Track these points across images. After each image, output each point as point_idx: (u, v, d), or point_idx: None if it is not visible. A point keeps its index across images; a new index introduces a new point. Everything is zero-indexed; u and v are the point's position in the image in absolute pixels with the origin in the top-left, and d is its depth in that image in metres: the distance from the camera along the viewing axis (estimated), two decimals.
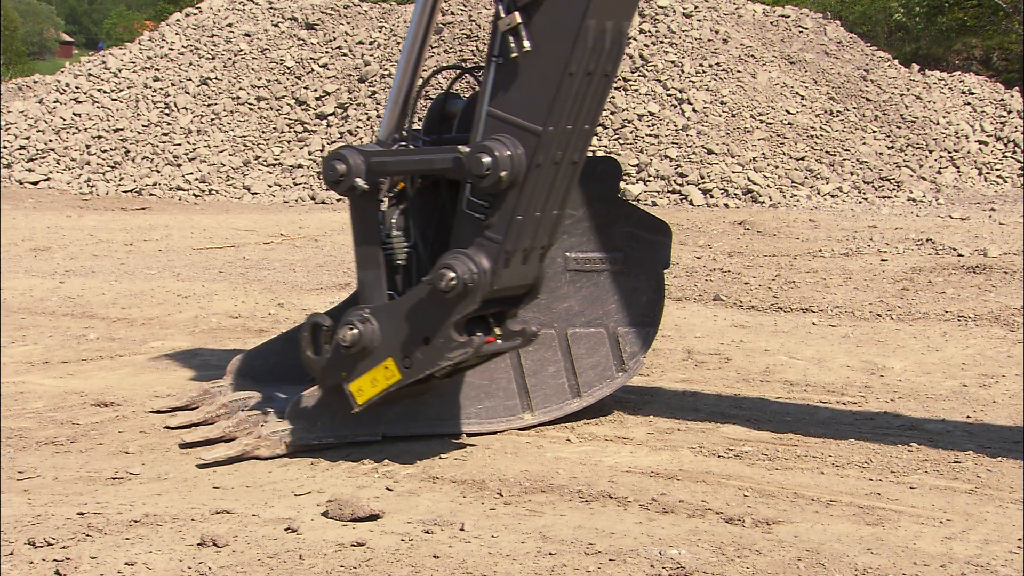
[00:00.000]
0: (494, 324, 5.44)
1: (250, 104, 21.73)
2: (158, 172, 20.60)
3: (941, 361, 7.71)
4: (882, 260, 12.17)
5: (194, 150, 20.94)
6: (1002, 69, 35.62)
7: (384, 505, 4.70)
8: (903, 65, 26.69)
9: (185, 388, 6.62)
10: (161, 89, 22.79)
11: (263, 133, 21.06)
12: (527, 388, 5.94)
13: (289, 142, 20.76)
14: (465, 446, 5.61)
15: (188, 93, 22.47)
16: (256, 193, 19.68)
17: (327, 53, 22.50)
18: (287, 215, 17.31)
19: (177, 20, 25.40)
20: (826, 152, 20.19)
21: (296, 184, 19.76)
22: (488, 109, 5.07)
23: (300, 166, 20.07)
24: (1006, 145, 23.34)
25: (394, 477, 5.15)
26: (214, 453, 5.38)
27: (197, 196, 19.71)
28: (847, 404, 6.61)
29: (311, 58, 22.41)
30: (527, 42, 4.96)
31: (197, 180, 20.13)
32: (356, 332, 5.20)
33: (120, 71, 23.65)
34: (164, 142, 21.32)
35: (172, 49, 23.91)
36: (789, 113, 20.92)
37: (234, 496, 4.88)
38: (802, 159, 19.55)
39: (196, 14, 25.18)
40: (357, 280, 5.41)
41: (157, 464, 5.36)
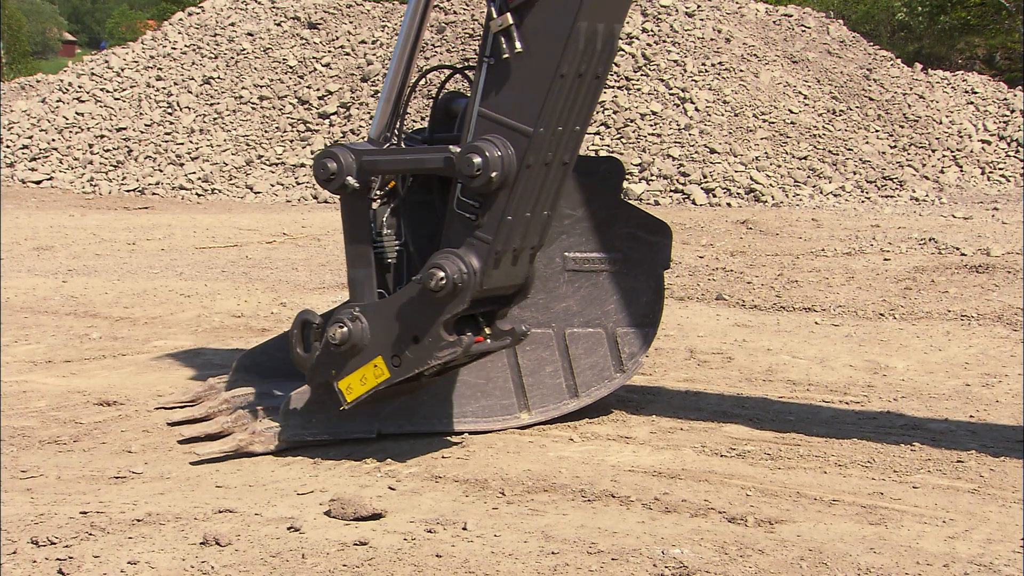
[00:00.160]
0: (484, 323, 5.46)
1: (253, 103, 21.75)
2: (161, 171, 20.61)
3: (944, 360, 7.71)
4: (885, 259, 12.16)
5: (197, 149, 20.95)
6: (1005, 68, 35.60)
7: (386, 504, 4.70)
8: (906, 64, 26.68)
9: (190, 385, 6.63)
10: (164, 88, 22.81)
11: (266, 132, 21.07)
12: (524, 387, 5.93)
13: (292, 141, 20.77)
14: (467, 445, 5.61)
15: (191, 92, 22.49)
16: (259, 192, 19.69)
17: (330, 52, 22.51)
18: (290, 214, 17.31)
19: (180, 19, 25.43)
20: (829, 151, 20.18)
21: (299, 183, 19.77)
22: (479, 109, 5.09)
23: (303, 165, 20.08)
24: (1009, 144, 23.32)
25: (396, 476, 5.15)
26: (208, 449, 5.41)
27: (200, 195, 19.72)
28: (850, 403, 6.61)
29: (314, 57, 22.42)
30: (519, 43, 4.98)
31: (200, 179, 20.14)
32: (346, 330, 5.22)
33: (123, 70, 23.67)
34: (167, 141, 21.33)
35: (175, 48, 23.93)
36: (792, 112, 20.92)
37: (237, 495, 4.88)
38: (805, 158, 19.54)
39: (199, 13, 25.20)
40: (347, 278, 5.42)
41: (160, 463, 5.36)
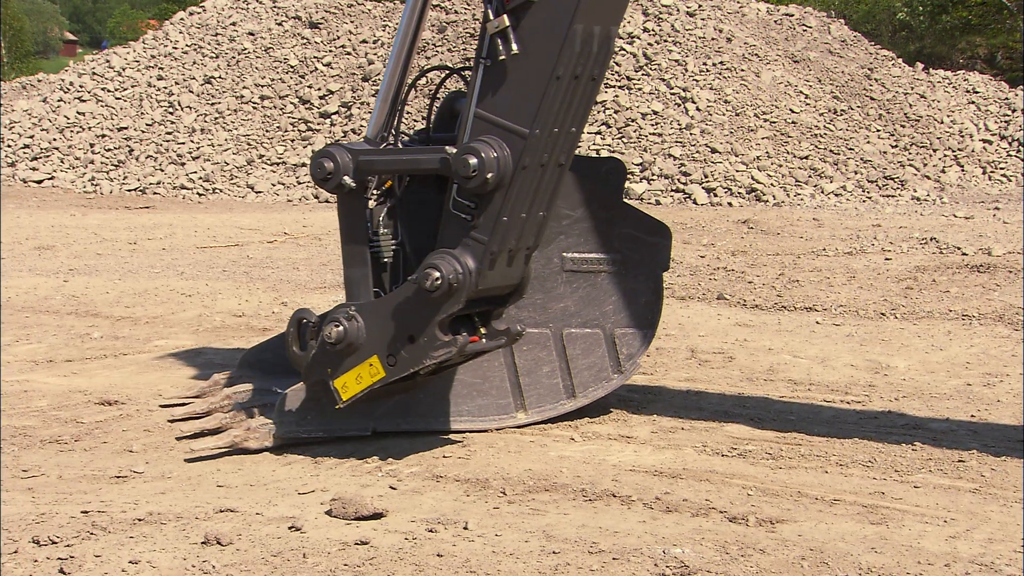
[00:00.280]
0: (479, 323, 5.47)
1: (254, 103, 21.75)
2: (162, 171, 20.62)
3: (945, 360, 7.70)
4: (886, 259, 12.16)
5: (198, 149, 20.96)
6: (1006, 68, 35.59)
7: (388, 504, 4.70)
8: (907, 64, 26.68)
9: (195, 382, 6.64)
10: (165, 88, 22.81)
11: (267, 132, 21.08)
12: (521, 387, 5.93)
13: (293, 141, 20.77)
14: (469, 445, 5.61)
15: (192, 92, 22.49)
16: (260, 192, 19.69)
17: (331, 52, 22.51)
18: (291, 214, 17.32)
19: (181, 19, 25.43)
20: (830, 151, 20.18)
21: (300, 183, 19.77)
22: (475, 111, 5.11)
23: (304, 165, 20.07)
24: (1010, 144, 23.32)
25: (398, 476, 5.15)
26: (203, 445, 5.43)
27: (201, 195, 19.72)
28: (851, 403, 6.61)
29: (315, 57, 22.42)
30: (515, 45, 4.99)
31: (201, 179, 20.14)
32: (341, 329, 5.23)
33: (124, 70, 23.68)
34: (168, 141, 21.34)
35: (176, 48, 23.93)
36: (793, 112, 20.91)
37: (238, 495, 4.88)
38: (806, 158, 19.54)
39: (200, 13, 25.21)
40: (344, 277, 5.44)
41: (161, 462, 5.37)
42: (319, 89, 21.61)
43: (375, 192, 5.44)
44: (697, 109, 19.87)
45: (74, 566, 4.01)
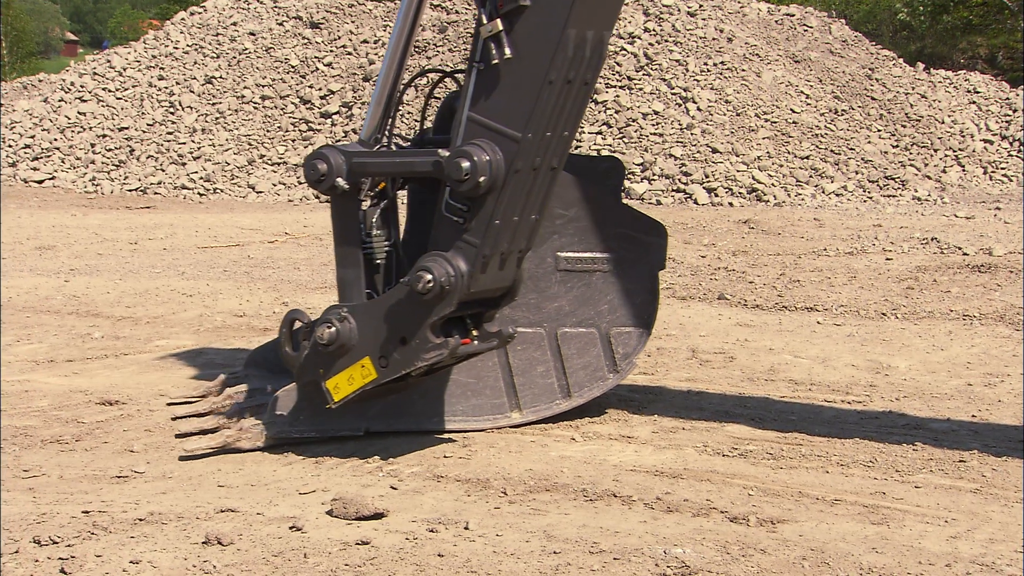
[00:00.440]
0: (471, 325, 5.49)
1: (255, 103, 21.75)
2: (163, 171, 20.62)
3: (946, 360, 7.70)
4: (887, 259, 12.16)
5: (199, 149, 20.96)
6: (1007, 68, 35.59)
7: (388, 504, 4.70)
8: (908, 64, 26.68)
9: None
10: (166, 88, 22.81)
11: (268, 132, 21.08)
12: (515, 387, 5.93)
13: (294, 141, 20.78)
14: (469, 445, 5.61)
15: (193, 92, 22.50)
16: (261, 192, 19.70)
17: (332, 52, 22.52)
18: (291, 214, 17.32)
19: (182, 19, 25.44)
20: (831, 151, 20.17)
21: (300, 183, 19.77)
22: (468, 114, 5.12)
23: None
24: (1011, 144, 23.32)
25: (398, 476, 5.15)
26: (196, 445, 5.45)
27: (202, 195, 19.73)
28: (852, 403, 6.61)
29: (316, 57, 22.42)
30: (508, 49, 5.01)
31: (202, 179, 20.15)
32: (334, 330, 5.25)
33: (125, 70, 23.68)
34: (169, 141, 21.34)
35: (177, 48, 23.94)
36: (794, 112, 20.91)
37: (239, 495, 4.88)
38: (807, 158, 19.53)
39: (201, 13, 25.21)
40: (336, 278, 5.45)
41: (162, 463, 5.37)
42: (320, 89, 21.62)
43: (368, 194, 5.45)
44: (698, 109, 19.87)
45: (75, 566, 4.01)
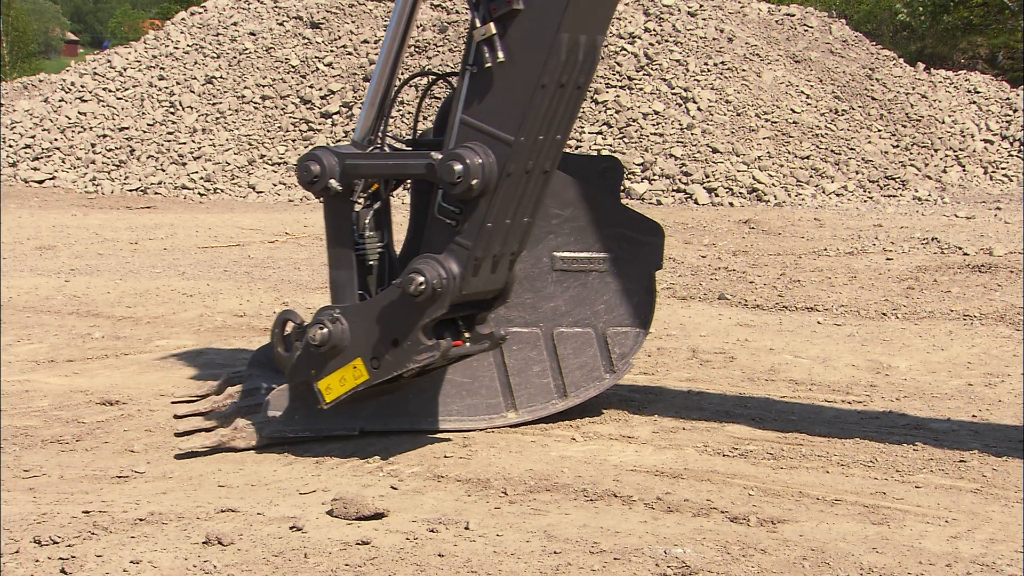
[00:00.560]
0: (463, 327, 5.49)
1: (255, 103, 21.75)
2: (163, 171, 20.62)
3: (946, 360, 7.70)
4: (887, 259, 12.16)
5: (199, 149, 20.96)
6: (1008, 68, 35.58)
7: (389, 504, 4.70)
8: (908, 64, 26.67)
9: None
10: (166, 88, 22.81)
11: (268, 132, 21.08)
12: (511, 387, 5.92)
13: (294, 141, 20.78)
14: (470, 445, 5.61)
15: (193, 92, 22.50)
16: (261, 192, 19.70)
17: (332, 52, 22.52)
18: (292, 214, 17.32)
19: (182, 19, 25.44)
20: (831, 151, 20.17)
21: None
22: (461, 117, 5.14)
23: None
24: (1011, 144, 23.31)
25: (399, 476, 5.16)
26: (191, 443, 5.48)
27: (202, 195, 19.73)
28: (852, 403, 6.61)
29: (316, 57, 22.42)
30: (501, 53, 5.02)
31: (202, 179, 20.15)
32: (326, 331, 5.26)
33: (125, 70, 23.68)
34: (169, 141, 21.34)
35: (177, 48, 23.94)
36: (794, 112, 20.91)
37: (239, 495, 4.88)
38: (807, 158, 19.53)
39: (201, 13, 25.21)
40: (329, 280, 5.47)
41: (162, 463, 5.37)
42: (320, 89, 21.62)
43: (361, 195, 5.46)
44: (698, 109, 19.87)
45: (75, 566, 4.01)
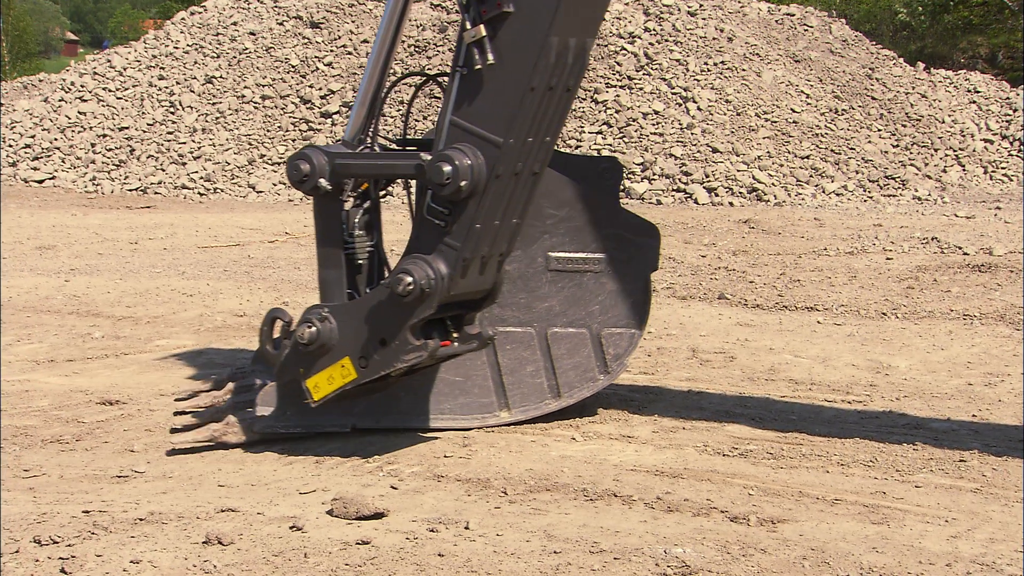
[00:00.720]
0: (452, 327, 5.50)
1: (255, 102, 21.75)
2: (163, 171, 20.62)
3: (946, 360, 7.70)
4: (887, 259, 12.16)
5: (199, 149, 20.96)
6: (1008, 67, 35.58)
7: (389, 503, 4.70)
8: (908, 63, 26.67)
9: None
10: (166, 87, 22.81)
11: (268, 131, 21.08)
12: (504, 386, 5.93)
13: (294, 140, 20.78)
14: (470, 445, 5.62)
15: (193, 92, 22.50)
16: (261, 192, 19.70)
17: (332, 52, 22.51)
18: (292, 213, 17.32)
19: (182, 19, 25.43)
20: (831, 151, 20.17)
21: None
22: (451, 118, 5.15)
23: None
24: (1011, 143, 23.31)
25: (399, 476, 5.16)
26: (182, 439, 5.49)
27: (202, 194, 19.73)
28: (852, 403, 6.61)
29: (316, 56, 22.42)
30: (491, 55, 5.03)
31: (202, 179, 20.15)
32: (314, 330, 5.27)
33: (125, 69, 23.68)
34: (169, 140, 21.34)
35: (177, 48, 23.93)
36: (794, 111, 20.91)
37: (239, 494, 4.88)
38: (807, 158, 19.53)
39: (201, 12, 25.20)
40: (318, 278, 5.47)
41: (162, 462, 5.37)
42: (320, 89, 21.62)
43: (351, 195, 5.47)
44: (698, 109, 19.86)
45: (75, 566, 4.01)
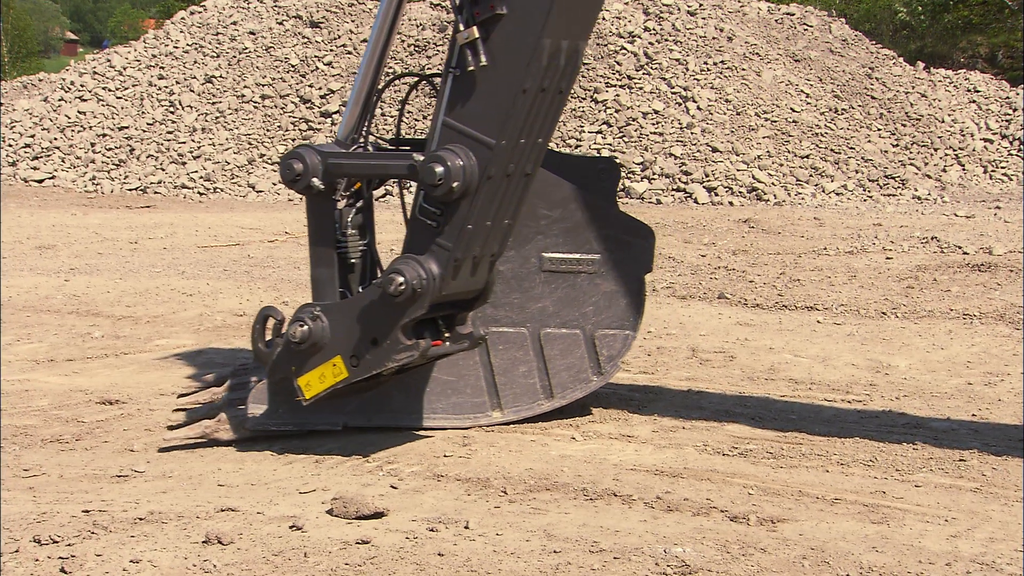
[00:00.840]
0: (443, 327, 5.51)
1: (255, 102, 21.75)
2: (163, 170, 20.62)
3: (946, 359, 7.70)
4: (887, 258, 12.16)
5: (199, 148, 20.96)
6: (1007, 67, 35.58)
7: (389, 503, 4.70)
8: (908, 63, 26.67)
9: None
10: (166, 87, 22.80)
11: (268, 131, 21.08)
12: (496, 386, 5.93)
13: (294, 140, 20.77)
14: (469, 444, 5.62)
15: (193, 91, 22.49)
16: (260, 191, 19.69)
17: (332, 51, 22.51)
18: (292, 213, 17.32)
19: (182, 18, 25.42)
20: (831, 150, 20.17)
21: None
22: (444, 119, 5.16)
23: None
24: (1011, 143, 23.31)
25: (398, 475, 5.16)
26: (175, 435, 5.52)
27: (202, 194, 19.72)
28: (852, 402, 6.61)
29: (315, 56, 22.41)
30: (484, 57, 5.04)
31: (202, 178, 20.14)
32: (306, 329, 5.28)
33: (125, 69, 23.67)
34: (169, 140, 21.34)
35: (177, 47, 23.92)
36: (794, 111, 20.90)
37: (239, 494, 4.88)
38: (807, 157, 19.53)
39: (201, 12, 25.20)
40: (311, 277, 5.48)
41: (162, 462, 5.37)
42: (320, 88, 21.62)
43: (344, 194, 5.47)
44: (698, 108, 19.86)
45: (75, 565, 4.01)
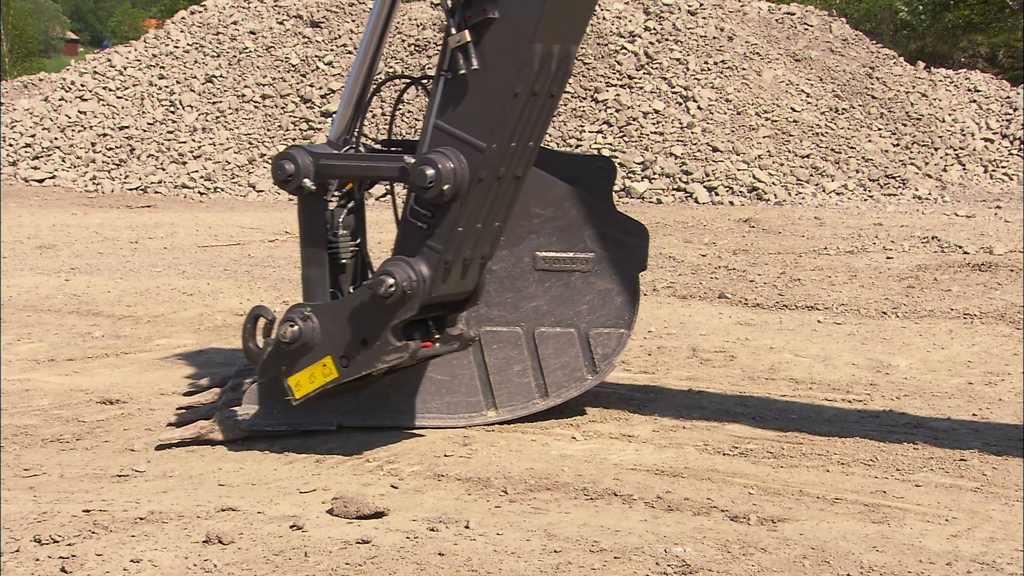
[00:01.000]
0: (434, 328, 5.52)
1: (255, 102, 21.75)
2: (163, 170, 20.62)
3: (946, 359, 7.70)
4: (887, 258, 12.16)
5: (199, 148, 20.96)
6: (1008, 66, 35.58)
7: (389, 503, 4.70)
8: (908, 63, 26.67)
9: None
10: (166, 87, 22.81)
11: (268, 131, 21.08)
12: (491, 385, 5.94)
13: (294, 139, 20.77)
14: (470, 444, 5.62)
15: (193, 91, 22.50)
16: (261, 191, 19.70)
17: (332, 51, 22.51)
18: (292, 212, 17.26)
19: (182, 18, 25.42)
20: (831, 150, 20.17)
21: None
22: (435, 122, 5.17)
23: None
24: (1012, 143, 23.31)
25: (399, 475, 5.16)
26: (170, 435, 5.55)
27: (202, 194, 19.73)
28: (852, 402, 6.61)
29: (316, 56, 22.42)
30: (475, 61, 5.04)
31: (202, 178, 20.15)
32: (297, 329, 5.29)
33: (125, 69, 23.68)
34: (169, 140, 21.34)
35: (177, 47, 23.93)
36: (794, 111, 20.90)
37: (239, 494, 4.89)
38: (807, 157, 19.53)
39: (201, 12, 25.20)
40: (301, 277, 5.50)
41: (162, 461, 5.37)
42: (320, 88, 21.62)
43: (335, 195, 5.48)
44: (698, 108, 19.86)
45: (75, 565, 4.01)
